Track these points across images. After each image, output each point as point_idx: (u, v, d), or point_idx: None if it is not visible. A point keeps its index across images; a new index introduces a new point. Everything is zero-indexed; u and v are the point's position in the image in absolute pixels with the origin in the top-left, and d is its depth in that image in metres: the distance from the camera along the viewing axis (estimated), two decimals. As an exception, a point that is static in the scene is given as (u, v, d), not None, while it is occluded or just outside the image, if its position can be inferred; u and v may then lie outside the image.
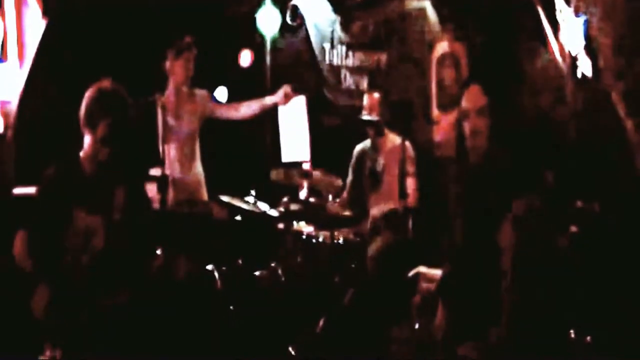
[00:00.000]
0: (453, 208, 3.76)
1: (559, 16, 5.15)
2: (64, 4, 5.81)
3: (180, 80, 5.49)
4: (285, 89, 5.61)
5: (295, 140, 6.12)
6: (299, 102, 5.90)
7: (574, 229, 4.23)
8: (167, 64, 5.48)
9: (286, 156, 6.20)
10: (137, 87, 4.22)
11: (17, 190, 5.36)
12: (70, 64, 5.90)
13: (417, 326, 4.45)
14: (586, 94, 4.99)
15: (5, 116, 5.67)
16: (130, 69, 4.10)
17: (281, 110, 6.00)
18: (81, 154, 3.96)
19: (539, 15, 5.37)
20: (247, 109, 5.68)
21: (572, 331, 3.61)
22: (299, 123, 6.03)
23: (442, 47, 6.88)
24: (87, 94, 3.92)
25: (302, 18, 7.60)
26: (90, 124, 3.90)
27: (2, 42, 5.61)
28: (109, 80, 3.96)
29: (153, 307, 4.09)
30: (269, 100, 5.67)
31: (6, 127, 5.65)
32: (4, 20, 5.64)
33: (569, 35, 5.02)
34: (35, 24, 5.75)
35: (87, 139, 3.93)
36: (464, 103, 3.40)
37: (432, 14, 6.93)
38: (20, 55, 5.73)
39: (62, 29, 5.88)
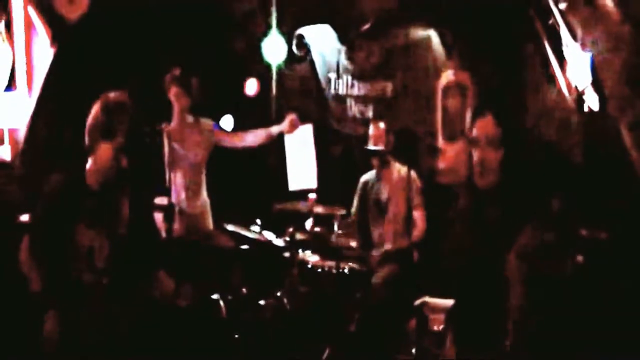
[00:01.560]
0: (460, 238, 3.76)
1: (565, 51, 5.19)
2: (72, 32, 5.85)
3: (177, 112, 5.52)
4: (291, 117, 5.63)
5: (301, 168, 6.12)
6: (306, 131, 5.91)
7: (580, 258, 4.22)
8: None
9: (293, 184, 6.20)
10: (144, 115, 4.23)
11: (24, 218, 5.36)
12: (78, 91, 5.93)
13: (414, 351, 4.45)
14: (593, 126, 5.01)
15: (13, 144, 5.69)
16: (137, 97, 4.11)
17: (287, 138, 6.01)
18: (87, 167, 3.95)
19: (545, 50, 5.40)
20: (253, 137, 5.69)
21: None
22: (306, 151, 6.04)
23: (447, 76, 6.92)
24: (96, 107, 3.93)
25: (307, 47, 7.65)
26: (106, 134, 3.90)
27: (11, 70, 5.65)
28: (115, 92, 3.98)
29: (158, 335, 4.08)
30: (275, 128, 5.68)
31: (14, 155, 5.67)
32: (13, 48, 5.68)
33: (576, 70, 5.05)
34: (44, 52, 5.79)
35: (102, 150, 3.92)
36: (475, 131, 3.41)
37: (437, 43, 6.97)
38: (29, 83, 5.77)
39: (71, 57, 5.92)
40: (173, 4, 6.41)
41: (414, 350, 4.85)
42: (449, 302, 4.26)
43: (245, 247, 5.58)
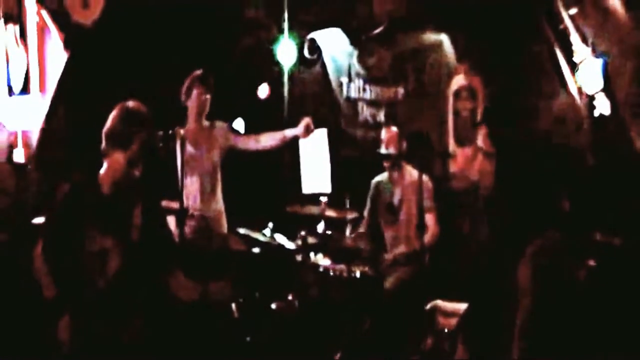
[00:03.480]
0: (472, 242, 3.79)
1: (576, 56, 5.18)
2: (85, 36, 5.88)
3: (194, 114, 5.54)
4: (306, 121, 5.61)
5: (315, 172, 6.12)
6: (320, 135, 5.90)
7: (592, 262, 4.21)
8: (183, 97, 5.54)
9: (307, 188, 6.20)
10: (158, 120, 4.25)
11: (37, 220, 5.39)
12: (91, 95, 5.97)
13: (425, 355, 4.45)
14: (604, 131, 5.00)
15: (27, 146, 5.73)
16: (149, 102, 4.12)
17: (302, 142, 6.01)
18: (101, 173, 3.94)
19: (556, 55, 5.40)
20: (268, 140, 5.66)
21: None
22: (320, 155, 6.03)
23: (458, 80, 6.92)
24: (115, 114, 3.92)
25: (319, 51, 7.66)
26: (121, 143, 3.88)
27: (25, 73, 5.69)
28: (134, 100, 3.98)
29: (170, 338, 4.10)
30: (289, 132, 5.64)
31: (28, 157, 5.71)
32: (27, 52, 5.73)
33: (587, 75, 5.04)
34: (57, 56, 5.83)
35: (117, 158, 3.90)
36: (479, 142, 3.44)
37: (448, 47, 6.97)
38: (42, 87, 5.81)
39: (84, 61, 5.96)
40: (186, 9, 6.44)
41: (425, 354, 4.85)
42: (461, 306, 4.27)
43: (257, 250, 5.60)
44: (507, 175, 3.69)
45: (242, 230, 5.50)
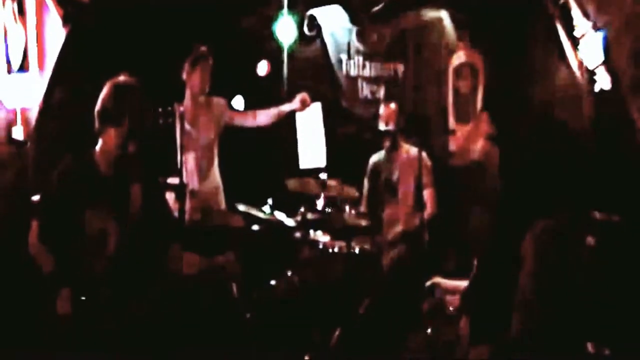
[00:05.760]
0: (476, 218, 3.78)
1: (577, 30, 5.16)
2: (84, 12, 5.85)
3: (197, 90, 5.53)
4: (302, 95, 5.65)
5: (312, 147, 6.13)
6: (315, 109, 5.91)
7: (591, 241, 4.21)
8: (184, 74, 5.53)
9: (304, 163, 6.21)
10: (155, 96, 4.23)
11: (37, 198, 5.38)
12: (90, 71, 5.95)
13: (429, 332, 4.47)
14: (604, 107, 4.99)
15: (26, 124, 5.71)
16: (149, 78, 4.11)
17: (299, 117, 6.01)
18: (97, 150, 3.93)
19: (557, 29, 5.38)
20: (265, 116, 5.71)
21: (590, 344, 3.60)
22: (316, 130, 6.04)
23: (458, 57, 6.91)
24: (106, 90, 3.91)
25: (319, 28, 7.62)
26: (114, 119, 3.87)
27: (24, 51, 5.66)
28: (124, 75, 3.96)
29: (169, 315, 4.10)
30: (286, 107, 5.70)
31: (26, 135, 5.69)
32: (25, 29, 5.69)
33: (588, 50, 5.03)
34: (56, 33, 5.80)
35: (110, 135, 3.90)
36: (483, 125, 3.45)
37: (449, 24, 6.95)
38: (41, 64, 5.78)
39: (83, 37, 5.93)
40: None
41: (425, 333, 4.86)
42: (461, 283, 4.27)
43: (256, 227, 5.59)
44: (509, 154, 3.68)
45: (241, 207, 5.49)
